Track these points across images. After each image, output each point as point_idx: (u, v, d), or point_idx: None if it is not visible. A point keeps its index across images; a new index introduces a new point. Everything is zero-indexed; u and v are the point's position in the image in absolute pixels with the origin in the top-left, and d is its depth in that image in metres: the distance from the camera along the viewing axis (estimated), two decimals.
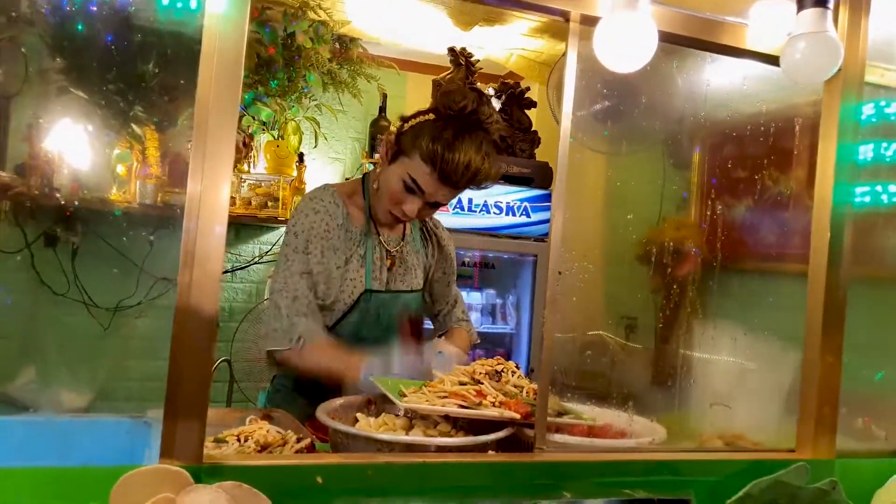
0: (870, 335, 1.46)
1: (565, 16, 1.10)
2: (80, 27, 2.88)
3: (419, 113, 1.58)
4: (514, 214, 3.10)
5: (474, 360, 2.95)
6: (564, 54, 3.25)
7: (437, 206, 1.63)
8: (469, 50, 3.18)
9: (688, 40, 1.16)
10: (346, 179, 3.39)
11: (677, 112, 2.48)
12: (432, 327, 1.92)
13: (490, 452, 1.06)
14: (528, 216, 3.12)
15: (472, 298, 3.22)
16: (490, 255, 3.29)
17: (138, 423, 1.36)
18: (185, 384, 0.82)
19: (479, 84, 3.22)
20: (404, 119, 1.61)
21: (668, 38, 1.12)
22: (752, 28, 1.20)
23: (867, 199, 1.37)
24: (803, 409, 1.23)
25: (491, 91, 3.22)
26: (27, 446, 1.28)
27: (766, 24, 1.20)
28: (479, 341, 1.98)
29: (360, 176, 1.77)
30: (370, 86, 3.33)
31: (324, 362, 1.53)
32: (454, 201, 3.01)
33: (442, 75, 3.19)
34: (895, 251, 1.47)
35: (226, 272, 3.35)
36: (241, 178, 3.08)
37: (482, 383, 1.16)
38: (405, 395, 1.15)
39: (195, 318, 0.83)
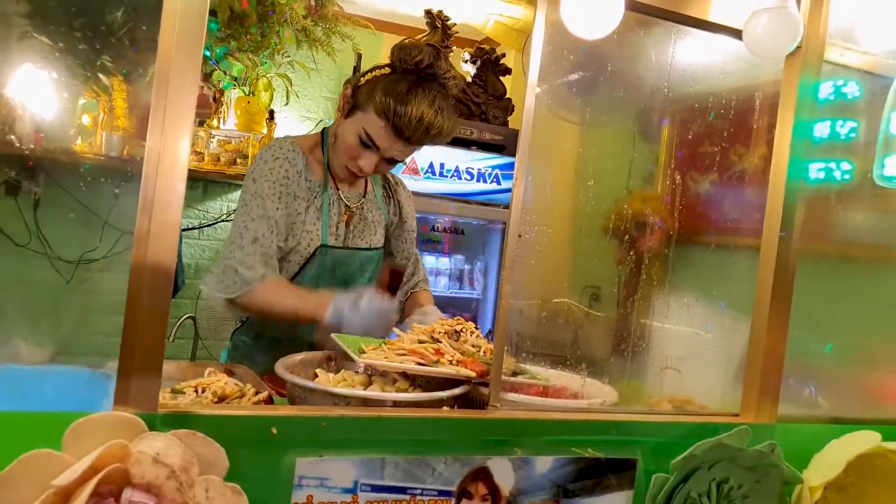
0: (821, 309, 1.51)
1: None
2: None
3: (375, 67, 1.57)
4: (485, 181, 3.11)
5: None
6: None
7: (393, 162, 1.63)
8: (446, 13, 3.15)
9: (655, 10, 1.17)
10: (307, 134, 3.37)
11: (647, 85, 2.50)
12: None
13: (445, 409, 1.09)
14: (499, 183, 3.13)
15: (441, 264, 3.24)
16: (460, 220, 3.30)
17: (97, 374, 1.36)
18: (142, 333, 0.83)
19: (454, 48, 3.19)
20: (362, 74, 1.61)
21: (635, 7, 1.13)
22: (719, 1, 1.21)
23: (821, 175, 1.40)
24: (748, 375, 1.28)
25: (466, 56, 3.20)
26: None
27: None
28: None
29: (320, 131, 1.76)
30: (345, 45, 3.28)
31: (289, 301, 1.52)
32: (425, 165, 3.01)
33: (418, 37, 3.15)
34: (846, 227, 1.52)
35: (192, 228, 3.32)
36: (211, 134, 3.04)
37: (441, 342, 1.18)
38: (364, 353, 1.17)
39: (151, 270, 0.83)
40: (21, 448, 0.80)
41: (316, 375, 1.22)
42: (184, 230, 3.19)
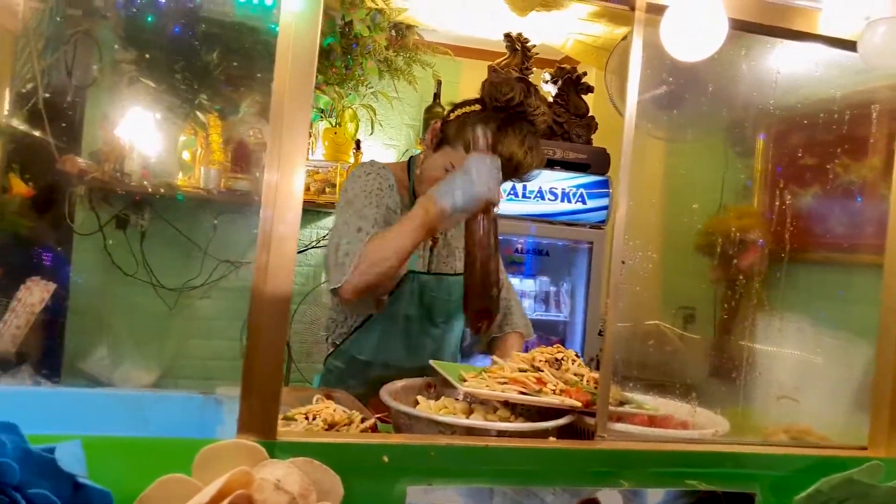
0: None
1: (630, 4, 1.08)
2: (149, 19, 2.99)
3: (466, 102, 1.58)
4: (569, 201, 3.07)
5: (527, 348, 2.94)
6: (624, 38, 3.20)
7: None
8: (525, 35, 3.16)
9: (758, 27, 1.13)
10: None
11: (741, 98, 2.41)
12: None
13: (551, 439, 1.07)
14: (584, 203, 3.09)
15: (526, 286, 3.21)
16: (544, 241, 3.27)
17: (209, 400, 1.42)
18: (261, 362, 0.86)
19: (534, 69, 3.20)
20: (452, 108, 1.62)
21: (738, 26, 1.09)
22: (826, 12, 1.16)
23: None
24: (876, 405, 1.20)
25: (547, 76, 3.19)
26: (106, 417, 1.36)
27: (840, 8, 1.17)
28: (532, 336, 1.98)
29: (407, 159, 1.79)
30: (425, 72, 3.34)
31: (396, 233, 1.46)
32: (507, 187, 3.01)
33: (497, 61, 3.18)
34: None
35: None
36: None
37: (542, 370, 1.17)
38: (465, 380, 1.17)
39: (271, 300, 0.87)
40: (150, 471, 0.85)
41: (417, 402, 1.23)
42: None
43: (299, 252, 3.47)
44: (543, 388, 1.13)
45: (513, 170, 1.53)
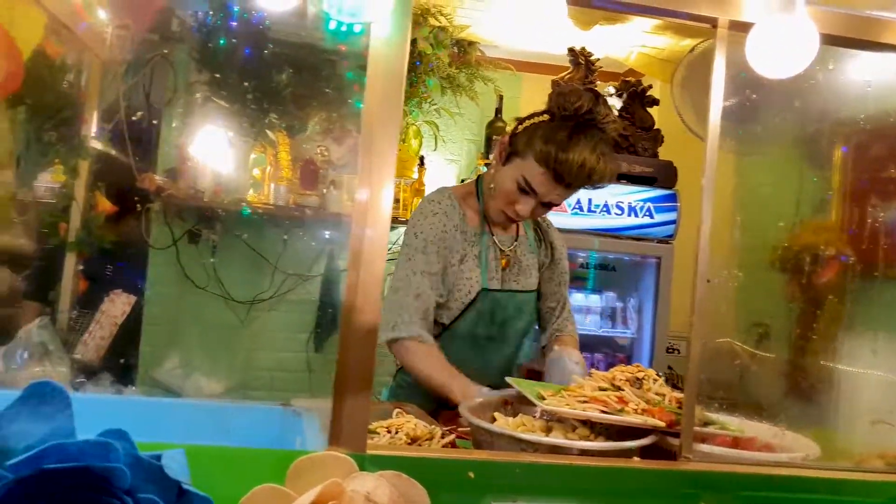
0: None
1: (712, 22, 1.07)
2: (221, 42, 3.10)
3: (534, 114, 1.60)
4: (636, 215, 3.03)
5: (592, 365, 2.92)
6: (691, 51, 3.13)
7: (550, 206, 1.64)
8: (588, 49, 3.15)
9: (849, 41, 1.10)
10: (462, 181, 3.44)
11: (815, 109, 2.35)
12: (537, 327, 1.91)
13: (636, 459, 1.05)
14: (651, 217, 3.04)
15: (591, 301, 3.18)
16: (610, 256, 3.24)
17: (288, 411, 1.46)
18: (352, 377, 0.87)
19: (598, 83, 3.18)
20: (519, 120, 1.63)
21: (827, 41, 1.07)
22: None
23: None
24: None
25: (611, 90, 3.17)
26: (191, 426, 1.41)
27: None
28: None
29: (475, 178, 1.81)
30: (486, 88, 3.36)
31: (436, 375, 1.57)
32: (572, 201, 2.99)
33: (561, 75, 3.17)
34: None
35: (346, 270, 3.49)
36: None
37: (623, 389, 1.16)
38: (544, 398, 1.17)
39: (361, 316, 0.89)
40: (241, 480, 0.87)
41: (494, 419, 1.23)
42: (342, 271, 3.37)
43: None
44: (625, 408, 1.12)
45: (586, 177, 1.53)
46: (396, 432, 1.07)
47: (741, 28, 1.06)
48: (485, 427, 1.08)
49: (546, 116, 1.57)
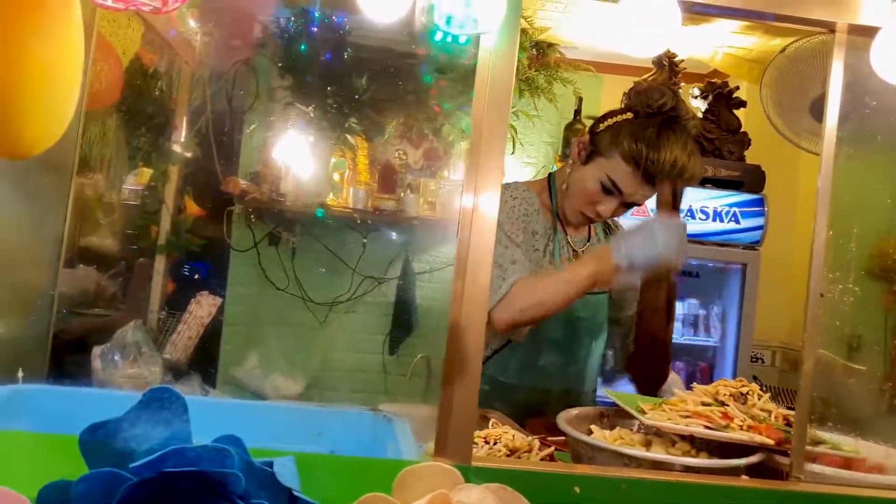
0: None
1: (830, 27, 1.02)
2: (303, 48, 3.17)
3: (614, 112, 1.56)
4: (721, 220, 2.93)
5: (675, 372, 2.79)
6: (782, 51, 2.99)
7: (631, 206, 1.59)
8: (672, 50, 3.07)
9: None
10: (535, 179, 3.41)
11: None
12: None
13: (744, 478, 1.01)
14: (738, 222, 2.93)
15: None
16: (693, 262, 3.14)
17: (378, 417, 1.47)
18: (459, 388, 0.87)
19: (682, 84, 3.09)
20: (598, 119, 1.59)
21: None
22: None
23: None
24: None
25: (696, 91, 3.08)
26: (280, 429, 1.44)
27: None
28: None
29: (545, 176, 1.76)
30: (565, 90, 3.32)
31: (559, 278, 1.48)
32: (653, 205, 2.91)
33: (644, 77, 3.10)
34: None
35: (425, 272, 3.51)
36: (441, 184, 3.22)
37: (727, 405, 1.11)
38: (645, 412, 1.14)
39: (467, 325, 0.88)
40: (349, 488, 0.88)
41: (590, 431, 1.20)
42: (417, 273, 3.39)
43: (439, 269, 3.53)
44: (730, 424, 1.07)
45: (676, 174, 1.47)
46: (495, 443, 1.06)
47: (861, 32, 1.00)
48: (586, 441, 1.05)
49: (629, 115, 1.53)
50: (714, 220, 2.93)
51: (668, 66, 3.01)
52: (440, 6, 0.82)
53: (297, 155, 3.06)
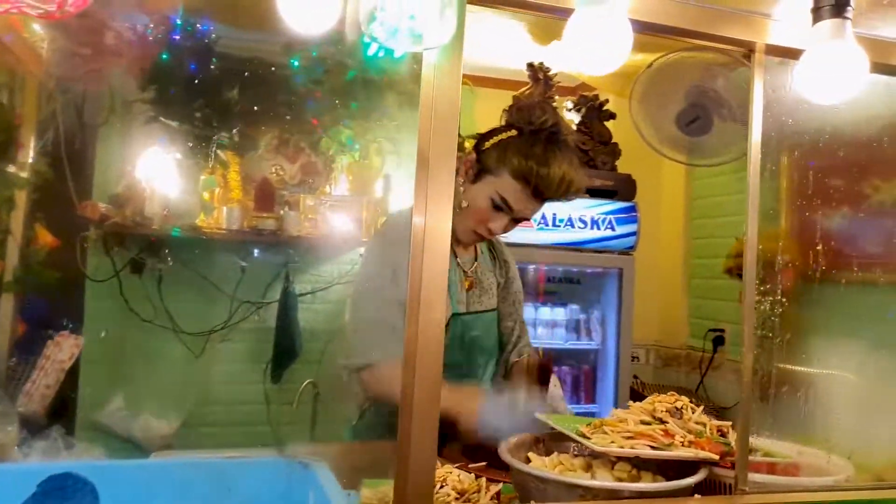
0: None
1: (749, 47, 1.05)
2: (164, 57, 2.92)
3: (498, 130, 1.57)
4: (598, 228, 3.05)
5: (560, 378, 2.87)
6: (649, 66, 3.13)
7: (520, 221, 1.61)
8: (546, 65, 3.15)
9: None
10: None
11: (765, 120, 2.40)
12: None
13: (697, 497, 1.01)
14: (613, 229, 3.06)
15: (557, 314, 3.17)
16: (574, 270, 3.24)
17: (293, 464, 1.34)
18: (418, 434, 0.79)
19: (556, 98, 3.18)
20: (482, 137, 1.60)
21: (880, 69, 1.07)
22: None
23: None
24: None
25: (569, 104, 3.18)
26: (187, 488, 1.27)
27: None
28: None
29: None
30: None
31: None
32: (538, 217, 2.97)
33: (521, 91, 3.15)
34: None
35: (306, 294, 3.35)
36: (322, 200, 3.08)
37: (665, 422, 1.11)
38: (585, 435, 1.11)
39: (423, 362, 0.80)
40: None
41: (528, 459, 1.16)
42: (299, 295, 3.22)
43: (322, 289, 3.38)
44: (673, 441, 1.07)
45: (565, 189, 1.51)
46: (441, 486, 0.98)
47: (777, 52, 1.05)
48: (536, 474, 1.01)
49: (513, 132, 1.54)
50: (592, 227, 3.04)
51: (543, 80, 3.08)
52: (385, 18, 0.74)
53: (162, 174, 2.80)
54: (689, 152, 2.94)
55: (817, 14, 0.95)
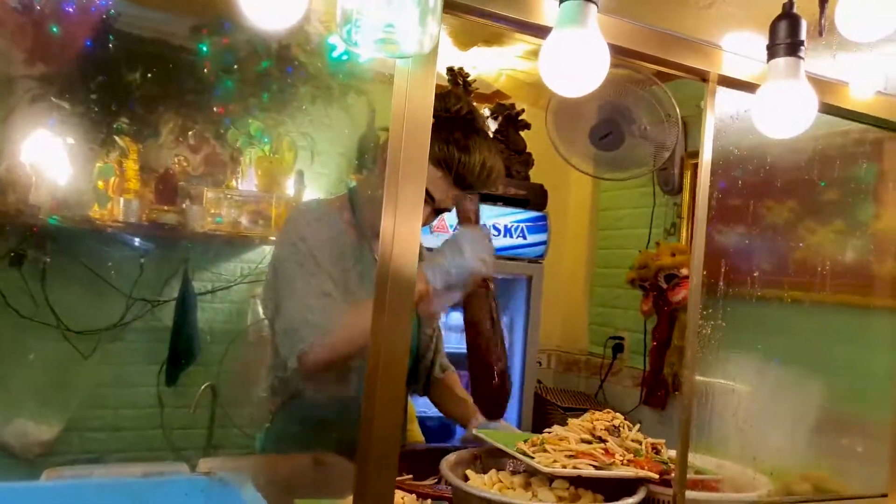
0: None
1: (703, 75, 1.08)
2: (54, 30, 2.68)
3: None
4: (510, 236, 3.08)
5: (465, 382, 2.86)
6: None
7: (441, 213, 1.59)
8: (465, 70, 3.15)
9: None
10: (331, 196, 3.28)
11: (669, 139, 2.52)
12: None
13: None
14: (524, 237, 3.11)
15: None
16: None
17: (212, 482, 1.26)
18: (379, 442, 0.75)
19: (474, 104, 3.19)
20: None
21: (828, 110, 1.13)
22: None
23: None
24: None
25: (486, 112, 3.20)
26: None
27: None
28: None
29: (345, 192, 1.69)
30: (358, 100, 3.24)
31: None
32: (454, 223, 2.97)
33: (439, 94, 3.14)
34: None
35: (206, 293, 3.18)
36: (227, 195, 2.94)
37: (605, 440, 1.13)
38: (528, 454, 1.11)
39: (387, 373, 0.76)
40: None
41: (466, 477, 1.15)
42: (198, 294, 3.05)
43: (224, 288, 3.22)
44: (614, 460, 1.09)
45: (486, 176, 1.51)
46: None
47: (727, 83, 1.08)
48: (482, 495, 0.99)
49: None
50: (504, 235, 3.08)
51: (462, 85, 3.08)
52: (369, 25, 0.69)
53: (50, 158, 2.56)
54: (600, 166, 3.03)
55: (772, 51, 0.99)
